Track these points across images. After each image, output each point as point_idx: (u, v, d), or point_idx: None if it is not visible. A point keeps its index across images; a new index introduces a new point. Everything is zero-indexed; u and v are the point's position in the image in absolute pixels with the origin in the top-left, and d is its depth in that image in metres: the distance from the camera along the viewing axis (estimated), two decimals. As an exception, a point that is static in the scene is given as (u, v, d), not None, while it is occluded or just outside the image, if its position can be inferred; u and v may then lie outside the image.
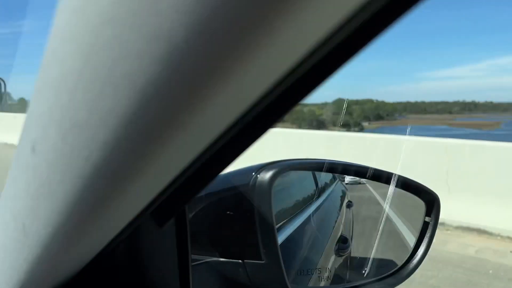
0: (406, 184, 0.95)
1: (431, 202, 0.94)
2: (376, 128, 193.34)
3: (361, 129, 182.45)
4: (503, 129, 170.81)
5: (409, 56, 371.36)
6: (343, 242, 1.02)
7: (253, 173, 0.70)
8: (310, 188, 1.03)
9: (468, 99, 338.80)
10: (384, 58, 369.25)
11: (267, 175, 0.69)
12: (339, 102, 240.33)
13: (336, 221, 1.10)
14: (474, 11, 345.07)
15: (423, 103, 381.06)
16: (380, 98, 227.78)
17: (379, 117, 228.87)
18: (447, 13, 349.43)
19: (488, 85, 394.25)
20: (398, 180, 0.90)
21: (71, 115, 0.26)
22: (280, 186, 0.81)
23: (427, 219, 0.93)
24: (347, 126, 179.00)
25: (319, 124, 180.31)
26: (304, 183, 1.01)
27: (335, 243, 1.00)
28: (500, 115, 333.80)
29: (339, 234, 1.05)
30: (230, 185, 0.72)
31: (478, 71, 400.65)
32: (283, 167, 0.76)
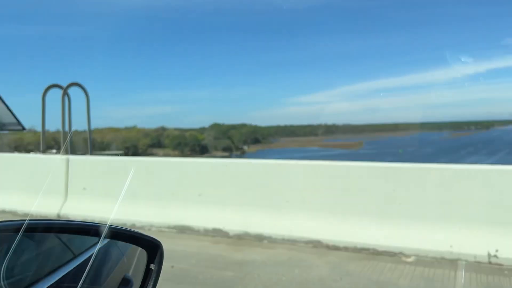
0: (124, 236, 0.94)
1: (153, 249, 0.94)
2: (256, 151, 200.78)
3: (243, 153, 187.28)
4: (365, 148, 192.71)
5: (275, 83, 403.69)
6: None
7: None
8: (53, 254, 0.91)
9: (329, 122, 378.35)
10: (253, 86, 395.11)
11: None
12: (216, 126, 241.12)
13: None
14: (323, 44, 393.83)
15: (292, 126, 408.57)
16: (253, 123, 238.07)
17: (256, 141, 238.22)
18: (299, 45, 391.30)
19: (343, 109, 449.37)
20: (114, 232, 0.89)
21: None
22: None
23: (151, 266, 0.93)
24: (228, 150, 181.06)
25: (202, 149, 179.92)
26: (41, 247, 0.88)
27: None
28: (357, 135, 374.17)
29: None
30: None
31: (334, 97, 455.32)
32: None
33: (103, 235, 0.86)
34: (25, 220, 0.74)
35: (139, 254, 0.95)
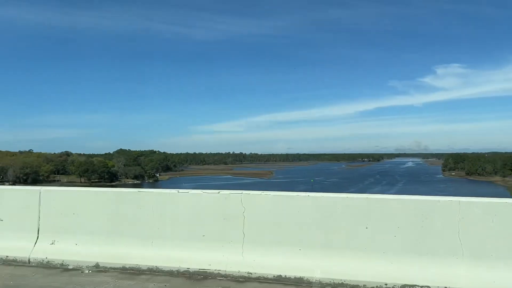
0: None
1: None
2: (168, 179, 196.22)
3: (156, 180, 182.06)
4: (277, 177, 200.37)
5: (182, 111, 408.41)
6: None
7: None
8: None
9: (236, 150, 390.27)
10: (160, 112, 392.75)
11: None
12: (123, 152, 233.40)
13: None
14: (221, 78, 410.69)
15: (201, 154, 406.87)
16: (160, 149, 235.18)
17: (168, 168, 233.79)
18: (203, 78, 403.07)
19: (247, 139, 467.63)
20: None
21: None
22: None
23: None
24: (141, 178, 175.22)
25: (112, 176, 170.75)
26: None
27: None
28: (264, 165, 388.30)
29: None
30: None
31: (238, 127, 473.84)
32: None
33: None
34: None
35: None
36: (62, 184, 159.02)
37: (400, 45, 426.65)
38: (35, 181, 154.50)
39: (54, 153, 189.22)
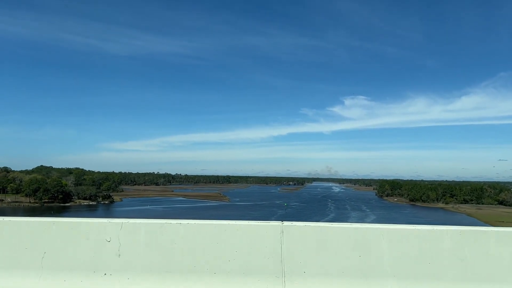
0: None
1: None
2: (121, 200, 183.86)
3: (112, 202, 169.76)
4: (234, 200, 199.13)
5: (89, 127, 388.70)
6: None
7: None
8: None
9: (149, 170, 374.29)
10: (65, 127, 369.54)
11: None
12: (44, 169, 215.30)
13: None
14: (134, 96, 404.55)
15: (130, 173, 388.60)
16: (67, 167, 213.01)
17: (108, 188, 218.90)
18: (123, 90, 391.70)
19: (161, 159, 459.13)
20: None
21: None
22: None
23: None
24: (93, 198, 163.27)
25: (65, 196, 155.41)
26: None
27: None
28: (196, 186, 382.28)
29: None
30: None
31: (151, 146, 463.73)
32: None
33: None
34: None
35: None
36: (7, 204, 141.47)
37: (312, 75, 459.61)
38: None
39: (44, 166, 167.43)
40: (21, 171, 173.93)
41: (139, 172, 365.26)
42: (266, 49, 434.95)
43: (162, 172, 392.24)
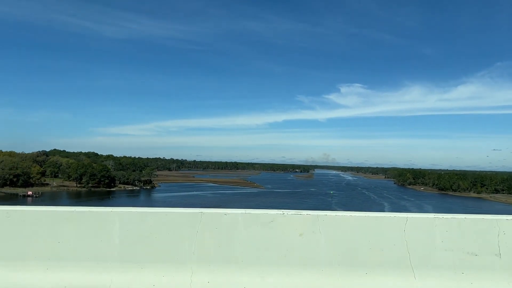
0: None
1: None
2: (159, 187, 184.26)
3: (153, 187, 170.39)
4: (267, 187, 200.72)
5: (82, 110, 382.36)
6: None
7: None
8: None
9: (144, 155, 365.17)
10: (57, 111, 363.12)
11: None
12: (57, 153, 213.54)
13: None
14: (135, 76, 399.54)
15: (140, 158, 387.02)
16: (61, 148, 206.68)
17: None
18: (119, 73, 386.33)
19: (156, 143, 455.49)
20: None
21: None
22: None
23: None
24: (136, 183, 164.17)
25: (110, 181, 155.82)
26: None
27: None
28: (206, 172, 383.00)
29: None
30: None
31: (146, 130, 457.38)
32: None
33: None
34: None
35: None
36: (57, 189, 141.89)
37: (309, 62, 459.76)
38: (26, 184, 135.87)
39: (32, 152, 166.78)
40: (60, 152, 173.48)
41: (140, 156, 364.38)
42: (263, 34, 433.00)
43: (157, 156, 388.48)
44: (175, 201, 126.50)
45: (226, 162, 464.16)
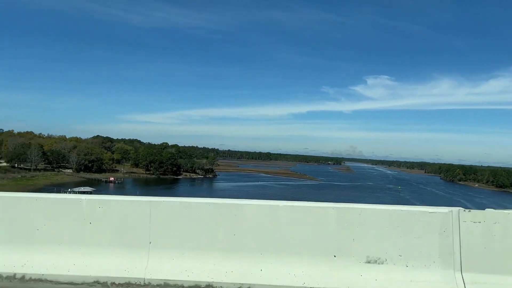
0: None
1: None
2: (217, 176, 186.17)
3: (215, 175, 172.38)
4: (321, 180, 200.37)
5: (110, 98, 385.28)
6: None
7: None
8: None
9: (170, 143, 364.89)
10: (84, 97, 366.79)
11: None
12: (99, 139, 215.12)
13: None
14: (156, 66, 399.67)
15: (184, 147, 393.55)
16: (80, 135, 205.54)
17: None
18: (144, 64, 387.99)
19: (180, 132, 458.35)
20: None
21: None
22: None
23: None
24: (200, 172, 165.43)
25: (178, 169, 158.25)
26: None
27: None
28: (245, 162, 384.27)
29: None
30: None
31: (170, 119, 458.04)
32: None
33: None
34: None
35: None
36: (128, 175, 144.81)
37: (335, 53, 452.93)
38: (100, 170, 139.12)
39: (95, 136, 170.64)
40: (122, 140, 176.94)
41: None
42: (289, 24, 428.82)
43: (180, 144, 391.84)
44: (259, 193, 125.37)
45: (259, 153, 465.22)
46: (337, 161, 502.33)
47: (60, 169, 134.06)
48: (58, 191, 76.42)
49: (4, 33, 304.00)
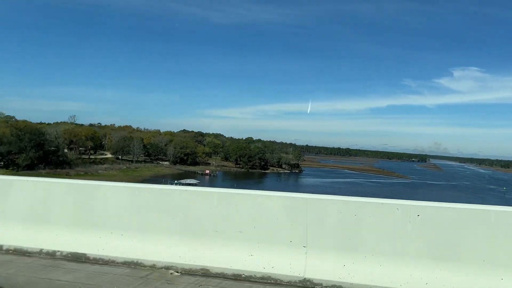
0: None
1: None
2: (302, 171, 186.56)
3: (301, 171, 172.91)
4: (411, 177, 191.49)
5: (190, 93, 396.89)
6: None
7: None
8: None
9: (241, 137, 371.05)
10: (167, 93, 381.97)
11: None
12: (186, 133, 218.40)
13: None
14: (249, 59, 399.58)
15: (263, 141, 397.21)
16: (162, 129, 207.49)
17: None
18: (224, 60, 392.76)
19: (255, 127, 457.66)
20: None
21: None
22: None
23: None
24: (286, 167, 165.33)
25: (266, 163, 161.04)
26: None
27: None
28: (327, 157, 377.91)
29: None
30: None
31: (246, 114, 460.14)
32: None
33: None
34: None
35: None
36: (220, 168, 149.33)
37: (418, 44, 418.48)
38: (194, 163, 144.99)
39: (186, 130, 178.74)
40: (214, 134, 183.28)
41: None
42: (369, 14, 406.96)
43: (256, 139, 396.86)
44: (353, 190, 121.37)
45: (338, 148, 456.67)
46: (421, 158, 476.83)
47: (158, 161, 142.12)
48: (166, 182, 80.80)
49: (97, 34, 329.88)
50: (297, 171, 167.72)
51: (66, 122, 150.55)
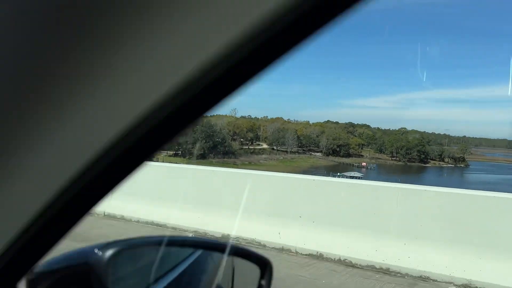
0: (240, 252, 1.10)
1: (263, 266, 1.06)
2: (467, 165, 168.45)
3: (467, 165, 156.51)
4: None
5: (332, 84, 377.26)
6: None
7: (95, 251, 0.68)
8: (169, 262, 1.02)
9: (385, 127, 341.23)
10: (311, 84, 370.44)
11: (106, 254, 0.67)
12: (337, 125, 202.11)
13: None
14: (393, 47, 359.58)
15: (415, 131, 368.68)
16: (302, 120, 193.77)
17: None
18: (367, 49, 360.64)
19: (397, 116, 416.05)
20: (232, 249, 1.03)
21: None
22: (128, 264, 0.80)
23: (262, 282, 1.05)
24: (450, 160, 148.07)
25: (425, 157, 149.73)
26: (164, 257, 0.97)
27: None
28: (491, 149, 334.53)
29: None
30: (72, 263, 0.69)
31: (390, 103, 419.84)
32: (126, 245, 0.77)
33: (226, 251, 0.99)
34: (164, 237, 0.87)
35: (251, 270, 1.05)
36: (375, 161, 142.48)
37: None
38: (347, 155, 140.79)
39: (331, 121, 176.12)
40: (363, 125, 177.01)
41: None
42: None
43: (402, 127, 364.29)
44: None
45: (504, 140, 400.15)
46: None
47: (311, 152, 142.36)
48: (328, 175, 79.21)
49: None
50: (462, 166, 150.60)
51: (227, 115, 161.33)
